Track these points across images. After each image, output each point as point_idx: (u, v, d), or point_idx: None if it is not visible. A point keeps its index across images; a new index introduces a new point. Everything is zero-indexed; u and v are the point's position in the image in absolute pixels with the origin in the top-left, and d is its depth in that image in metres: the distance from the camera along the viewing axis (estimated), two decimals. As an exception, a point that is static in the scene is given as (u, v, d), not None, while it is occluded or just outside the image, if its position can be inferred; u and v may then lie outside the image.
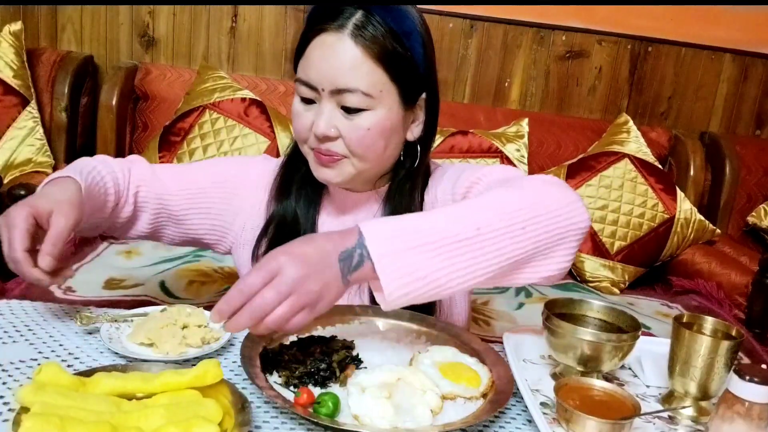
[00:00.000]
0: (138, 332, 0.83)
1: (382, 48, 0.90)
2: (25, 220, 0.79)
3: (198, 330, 0.83)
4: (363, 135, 0.92)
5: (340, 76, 0.90)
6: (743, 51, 2.54)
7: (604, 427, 0.72)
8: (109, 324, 0.86)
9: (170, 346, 0.81)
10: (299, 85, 0.94)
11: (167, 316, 0.85)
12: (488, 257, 0.75)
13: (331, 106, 0.92)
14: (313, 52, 0.92)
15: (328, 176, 0.96)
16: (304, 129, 0.95)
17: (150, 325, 0.84)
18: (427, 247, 0.72)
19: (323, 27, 0.90)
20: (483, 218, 0.76)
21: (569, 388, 0.78)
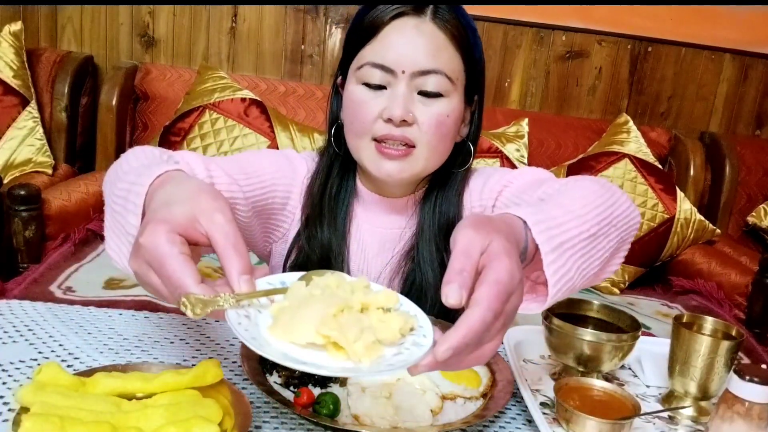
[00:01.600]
0: (288, 323, 0.54)
1: (462, 36, 0.90)
2: (171, 244, 0.56)
3: (384, 315, 0.56)
4: (442, 121, 0.89)
5: (426, 57, 0.87)
6: (743, 51, 2.54)
7: (604, 427, 0.72)
8: (235, 312, 0.56)
9: (362, 347, 0.52)
10: (370, 68, 0.88)
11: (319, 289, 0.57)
12: (600, 253, 0.74)
13: (407, 90, 0.88)
14: (391, 34, 0.88)
15: (392, 170, 0.90)
16: (369, 118, 0.89)
17: (308, 312, 0.54)
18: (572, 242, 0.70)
19: (401, 11, 0.88)
20: (594, 214, 0.75)
21: (569, 388, 0.78)
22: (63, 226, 1.85)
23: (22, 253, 1.76)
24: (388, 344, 0.55)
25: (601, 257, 0.75)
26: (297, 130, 2.17)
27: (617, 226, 0.79)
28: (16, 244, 1.75)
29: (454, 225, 0.84)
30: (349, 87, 0.92)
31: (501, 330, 0.56)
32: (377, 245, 1.01)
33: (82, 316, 0.90)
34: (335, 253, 0.98)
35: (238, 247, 0.57)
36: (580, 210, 0.74)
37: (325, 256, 0.98)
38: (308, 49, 2.45)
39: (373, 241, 1.01)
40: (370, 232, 1.01)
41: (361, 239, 1.02)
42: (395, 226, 1.01)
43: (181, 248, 0.57)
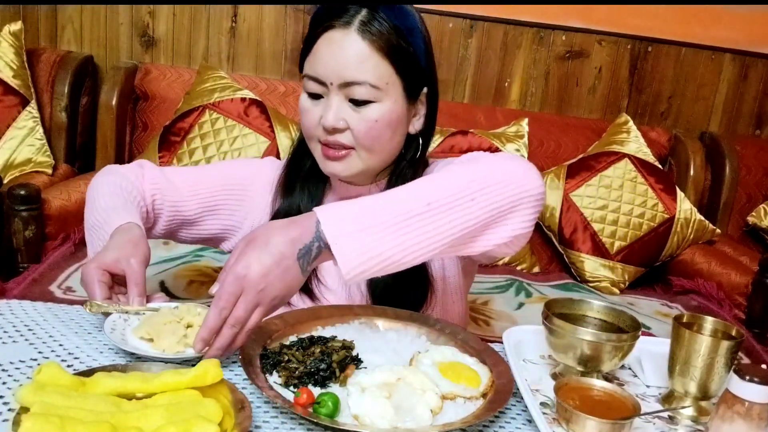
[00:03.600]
0: (142, 326, 0.83)
1: (388, 42, 0.94)
2: (95, 274, 0.86)
3: None
4: (371, 126, 0.96)
5: (349, 69, 0.93)
6: (743, 51, 2.54)
7: (604, 427, 0.72)
8: (118, 315, 0.86)
9: (168, 343, 0.80)
10: (307, 80, 0.97)
11: (174, 313, 0.85)
12: (440, 230, 0.80)
13: (339, 99, 0.95)
14: (320, 48, 0.95)
15: (336, 170, 0.99)
16: (312, 124, 0.98)
17: (155, 320, 0.83)
18: (380, 227, 0.77)
19: (330, 24, 0.94)
20: (434, 193, 0.81)
21: (569, 388, 0.78)
22: (63, 226, 1.85)
23: (22, 253, 1.76)
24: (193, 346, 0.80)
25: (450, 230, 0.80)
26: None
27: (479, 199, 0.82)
28: (16, 244, 1.75)
29: None
30: (301, 94, 1.01)
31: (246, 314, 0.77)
32: None
33: (82, 316, 0.90)
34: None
35: (138, 281, 0.87)
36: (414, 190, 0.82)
37: None
38: (308, 49, 2.45)
39: None
40: None
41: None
42: None
43: (101, 278, 0.87)
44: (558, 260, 2.31)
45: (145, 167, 1.10)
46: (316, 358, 0.78)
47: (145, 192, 1.06)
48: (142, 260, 0.90)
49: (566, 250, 2.24)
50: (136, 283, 0.87)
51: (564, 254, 2.25)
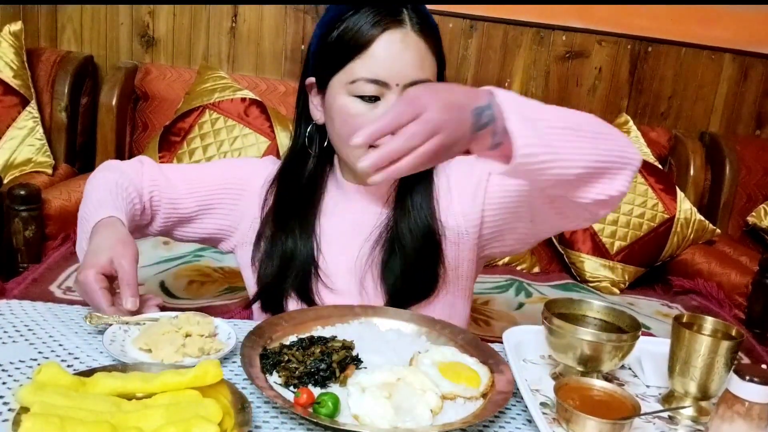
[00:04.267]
0: (141, 337, 0.83)
1: (436, 40, 0.97)
2: (96, 281, 0.86)
3: (198, 339, 0.83)
4: None
5: (414, 68, 0.93)
6: (743, 51, 2.54)
7: (604, 427, 0.72)
8: (118, 326, 0.86)
9: (166, 353, 0.80)
10: (363, 83, 0.93)
11: (172, 323, 0.85)
12: (587, 150, 0.78)
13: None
14: (379, 49, 0.93)
15: None
16: None
17: (153, 330, 0.83)
18: (550, 122, 0.76)
19: (385, 25, 0.92)
20: (583, 119, 0.82)
21: (569, 388, 0.78)
22: (63, 226, 1.85)
23: (22, 253, 1.76)
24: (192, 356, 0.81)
25: (592, 154, 0.79)
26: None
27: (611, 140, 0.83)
28: (16, 244, 1.75)
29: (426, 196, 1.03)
30: (339, 99, 0.96)
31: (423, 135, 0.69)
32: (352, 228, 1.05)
33: (82, 316, 0.90)
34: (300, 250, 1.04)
35: (131, 282, 0.88)
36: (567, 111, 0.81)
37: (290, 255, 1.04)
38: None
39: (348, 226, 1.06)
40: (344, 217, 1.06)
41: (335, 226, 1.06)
42: (373, 208, 1.06)
43: (102, 285, 0.87)
44: (558, 260, 2.31)
45: (144, 163, 1.09)
46: (316, 358, 0.78)
47: (143, 188, 1.05)
48: (133, 259, 0.89)
49: (566, 250, 2.24)
50: (128, 283, 0.87)
51: (564, 254, 2.25)
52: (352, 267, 1.04)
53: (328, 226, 1.06)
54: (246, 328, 0.85)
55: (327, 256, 1.05)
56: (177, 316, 0.87)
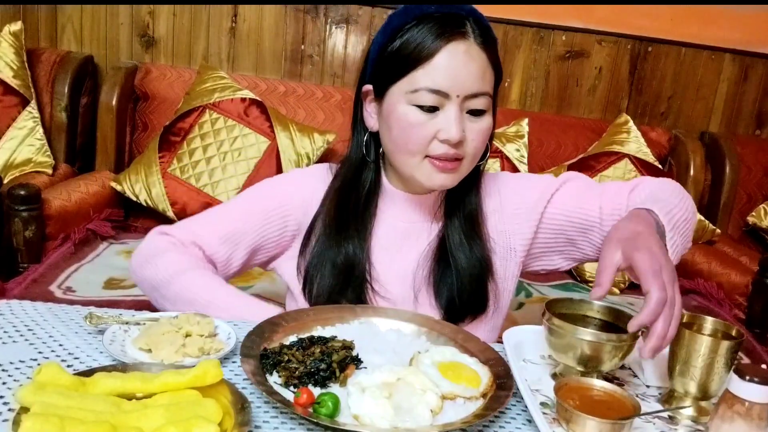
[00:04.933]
0: (141, 337, 0.83)
1: (495, 53, 0.97)
2: None
3: (198, 339, 0.83)
4: (485, 136, 0.98)
5: (476, 81, 0.94)
6: (743, 51, 2.54)
7: (604, 427, 0.72)
8: (118, 326, 0.86)
9: (166, 353, 0.80)
10: (425, 93, 0.93)
11: (172, 323, 0.85)
12: (689, 232, 0.98)
13: (459, 111, 0.94)
14: (442, 60, 0.93)
15: (445, 182, 0.98)
16: (426, 138, 0.95)
17: (153, 330, 0.83)
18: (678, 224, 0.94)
19: (449, 37, 0.92)
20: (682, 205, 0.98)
21: (569, 388, 0.78)
22: (63, 226, 1.85)
23: (22, 253, 1.76)
24: (192, 356, 0.81)
25: (690, 236, 0.99)
26: (297, 130, 2.17)
27: (693, 213, 1.01)
28: (16, 244, 1.75)
29: (477, 213, 1.06)
30: (399, 107, 0.96)
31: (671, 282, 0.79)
32: (402, 238, 1.06)
33: (82, 316, 0.90)
34: (358, 258, 1.03)
35: None
36: (675, 201, 0.97)
37: (349, 262, 1.03)
38: (308, 49, 2.45)
39: (397, 236, 1.06)
40: (393, 226, 1.06)
41: (383, 234, 1.06)
42: (423, 220, 1.07)
43: None
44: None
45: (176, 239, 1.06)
46: (316, 358, 0.78)
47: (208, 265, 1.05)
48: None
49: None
50: None
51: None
52: (404, 277, 1.05)
53: (380, 231, 1.06)
54: (246, 328, 0.85)
55: (377, 262, 1.05)
56: (177, 316, 0.87)
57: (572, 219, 1.05)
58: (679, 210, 0.96)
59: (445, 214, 1.06)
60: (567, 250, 1.08)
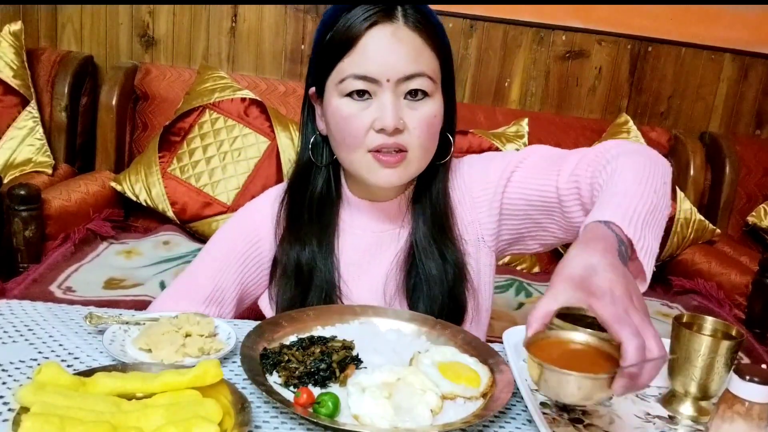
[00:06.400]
0: (141, 337, 0.83)
1: (433, 35, 0.92)
2: None
3: (198, 339, 0.83)
4: (431, 123, 0.92)
5: (408, 62, 0.89)
6: (743, 51, 2.54)
7: (584, 382, 0.61)
8: (118, 326, 0.86)
9: (166, 353, 0.80)
10: (352, 80, 0.89)
11: (173, 322, 0.84)
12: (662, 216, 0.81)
13: (394, 97, 0.89)
14: (368, 44, 0.89)
15: (391, 178, 0.92)
16: (361, 130, 0.90)
17: (153, 330, 0.83)
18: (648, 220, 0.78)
19: (374, 20, 0.88)
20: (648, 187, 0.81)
21: (545, 344, 0.67)
22: (63, 226, 1.85)
23: (22, 253, 1.76)
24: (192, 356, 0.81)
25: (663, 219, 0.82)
26: (297, 129, 2.16)
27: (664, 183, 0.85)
28: (16, 244, 1.75)
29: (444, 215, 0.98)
30: (332, 102, 0.92)
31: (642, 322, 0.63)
32: (373, 250, 1.02)
33: (82, 316, 0.90)
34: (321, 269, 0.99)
35: None
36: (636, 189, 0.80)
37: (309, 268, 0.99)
38: (308, 49, 2.45)
39: (367, 248, 1.02)
40: (361, 238, 1.02)
41: (353, 248, 1.02)
42: (390, 228, 1.02)
43: None
44: (558, 260, 2.30)
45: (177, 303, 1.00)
46: (316, 358, 0.78)
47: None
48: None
49: (566, 250, 2.24)
50: None
51: (564, 254, 2.25)
52: (375, 290, 1.01)
53: (345, 245, 1.02)
54: (246, 328, 0.85)
55: (347, 278, 1.01)
56: (177, 316, 0.87)
57: (532, 201, 0.96)
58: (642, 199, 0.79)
59: (413, 220, 1.00)
60: (538, 235, 1.00)
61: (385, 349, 0.84)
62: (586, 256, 0.70)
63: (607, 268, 0.67)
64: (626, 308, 0.63)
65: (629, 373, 0.61)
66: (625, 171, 0.84)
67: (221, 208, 2.06)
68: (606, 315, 0.62)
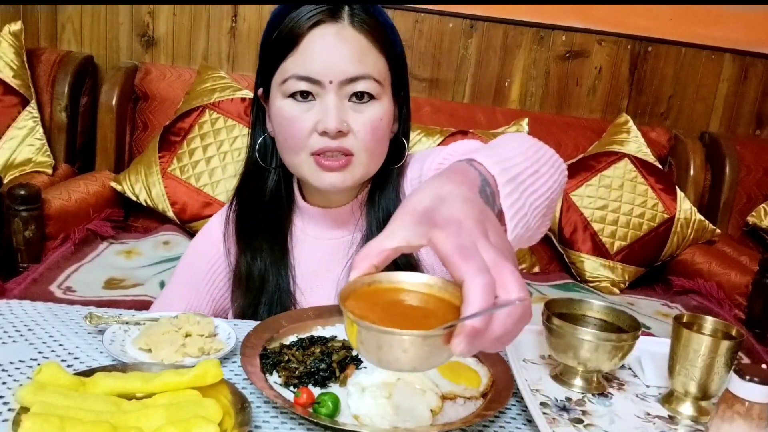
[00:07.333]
0: (141, 337, 0.83)
1: (381, 36, 0.90)
2: None
3: (198, 339, 0.83)
4: (376, 126, 0.89)
5: (351, 63, 0.87)
6: (743, 51, 2.54)
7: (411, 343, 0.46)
8: (118, 326, 0.86)
9: (166, 353, 0.80)
10: (295, 81, 0.87)
11: (173, 322, 0.84)
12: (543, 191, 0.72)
13: (338, 99, 0.87)
14: (311, 44, 0.87)
15: (335, 181, 0.90)
16: (304, 133, 0.88)
17: (153, 330, 0.83)
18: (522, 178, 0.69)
19: (318, 20, 0.86)
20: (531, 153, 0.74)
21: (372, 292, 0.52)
22: (63, 226, 1.85)
23: (22, 253, 1.76)
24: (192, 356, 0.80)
25: (546, 197, 0.73)
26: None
27: (553, 166, 0.78)
28: (16, 244, 1.75)
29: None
30: (276, 102, 0.90)
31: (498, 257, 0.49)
32: (329, 258, 1.01)
33: (82, 316, 0.90)
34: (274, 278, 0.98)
35: None
36: (519, 149, 0.73)
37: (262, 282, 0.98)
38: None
39: (323, 256, 1.01)
40: (317, 247, 1.01)
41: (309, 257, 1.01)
42: (344, 235, 1.01)
43: None
44: (558, 260, 2.31)
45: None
46: (316, 358, 0.78)
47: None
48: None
49: (566, 250, 2.24)
50: None
51: (564, 254, 2.25)
52: (331, 297, 0.99)
53: (302, 254, 1.01)
54: (246, 328, 0.85)
55: (304, 287, 0.99)
56: (177, 316, 0.87)
57: None
58: (523, 158, 0.71)
59: (367, 226, 0.98)
60: None
61: (385, 349, 0.84)
62: (436, 186, 0.56)
63: (458, 198, 0.54)
64: (474, 241, 0.50)
65: (472, 327, 0.46)
66: (511, 143, 0.76)
67: (221, 208, 2.06)
68: (446, 246, 0.49)
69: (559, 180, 0.78)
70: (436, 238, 0.50)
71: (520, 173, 0.69)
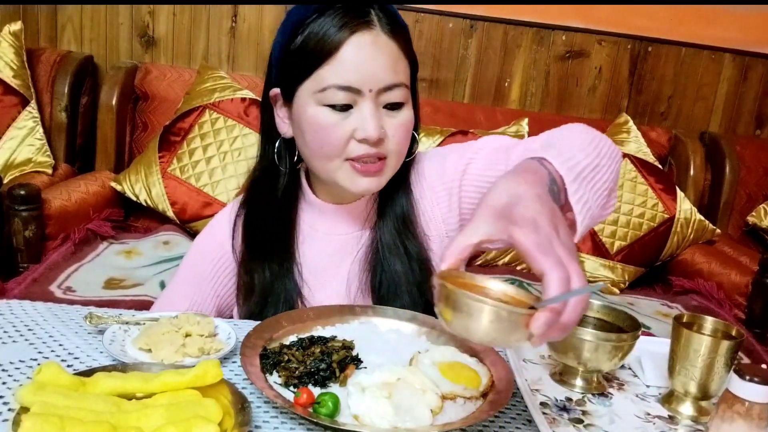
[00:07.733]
0: (141, 337, 0.83)
1: (407, 41, 0.92)
2: None
3: (198, 339, 0.83)
4: (407, 130, 0.92)
5: (387, 72, 0.88)
6: (743, 51, 2.54)
7: (500, 314, 0.55)
8: (118, 326, 0.86)
9: (166, 353, 0.80)
10: (334, 91, 0.87)
11: (173, 322, 0.84)
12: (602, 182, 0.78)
13: (374, 106, 0.88)
14: (348, 53, 0.86)
15: (372, 185, 0.92)
16: (342, 139, 0.88)
17: (153, 330, 0.83)
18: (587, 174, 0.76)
19: (354, 27, 0.86)
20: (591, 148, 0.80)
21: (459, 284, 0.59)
22: (63, 226, 1.85)
23: (22, 253, 1.76)
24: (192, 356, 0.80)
25: (605, 187, 0.80)
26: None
27: (611, 157, 0.84)
28: (16, 244, 1.75)
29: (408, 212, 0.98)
30: (309, 109, 0.89)
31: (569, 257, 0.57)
32: (339, 253, 1.01)
33: (82, 316, 0.90)
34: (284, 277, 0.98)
35: None
36: (580, 145, 0.80)
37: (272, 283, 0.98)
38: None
39: (333, 252, 1.01)
40: (327, 242, 1.01)
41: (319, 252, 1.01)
42: (354, 230, 1.01)
43: None
44: (558, 260, 2.30)
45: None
46: (316, 358, 0.78)
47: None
48: None
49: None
50: None
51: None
52: (339, 292, 1.00)
53: (309, 252, 1.01)
54: (246, 328, 0.85)
55: (312, 285, 1.00)
56: (177, 316, 0.87)
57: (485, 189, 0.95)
58: (584, 154, 0.77)
59: (378, 219, 0.99)
60: None
61: (385, 349, 0.84)
62: (512, 185, 0.64)
63: (533, 197, 0.62)
64: (550, 239, 0.58)
65: (552, 309, 0.55)
66: (572, 137, 0.83)
67: (221, 208, 2.06)
68: (527, 243, 0.57)
69: (615, 169, 0.85)
70: (517, 235, 0.58)
71: (583, 169, 0.76)
